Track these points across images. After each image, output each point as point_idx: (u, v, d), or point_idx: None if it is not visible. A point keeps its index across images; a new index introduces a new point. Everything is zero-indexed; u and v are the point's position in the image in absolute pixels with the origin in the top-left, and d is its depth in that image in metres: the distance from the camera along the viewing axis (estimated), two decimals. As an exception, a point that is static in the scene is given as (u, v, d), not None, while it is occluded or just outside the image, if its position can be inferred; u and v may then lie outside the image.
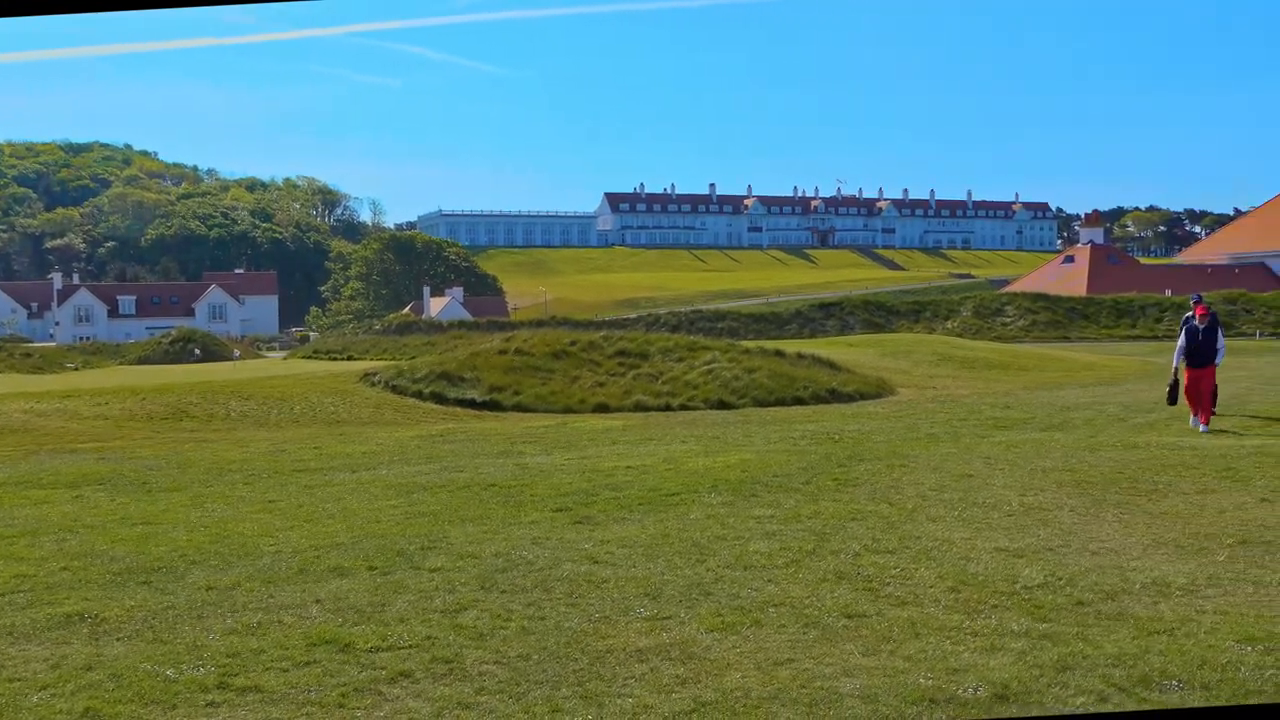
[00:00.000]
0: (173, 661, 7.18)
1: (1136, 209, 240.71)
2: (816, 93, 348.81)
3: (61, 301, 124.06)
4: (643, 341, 30.43)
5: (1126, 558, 9.41)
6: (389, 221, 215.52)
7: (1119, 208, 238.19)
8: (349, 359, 46.25)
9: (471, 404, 25.56)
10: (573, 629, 7.73)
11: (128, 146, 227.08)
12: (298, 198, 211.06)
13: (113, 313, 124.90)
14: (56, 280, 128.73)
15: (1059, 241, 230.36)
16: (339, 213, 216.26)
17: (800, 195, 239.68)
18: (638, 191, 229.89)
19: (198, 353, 54.70)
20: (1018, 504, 11.90)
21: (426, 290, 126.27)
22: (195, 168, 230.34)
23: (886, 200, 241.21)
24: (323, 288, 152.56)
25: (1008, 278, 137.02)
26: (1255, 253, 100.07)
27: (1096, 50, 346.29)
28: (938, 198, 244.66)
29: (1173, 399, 19.47)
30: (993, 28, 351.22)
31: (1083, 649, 6.99)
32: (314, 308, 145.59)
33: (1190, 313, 19.56)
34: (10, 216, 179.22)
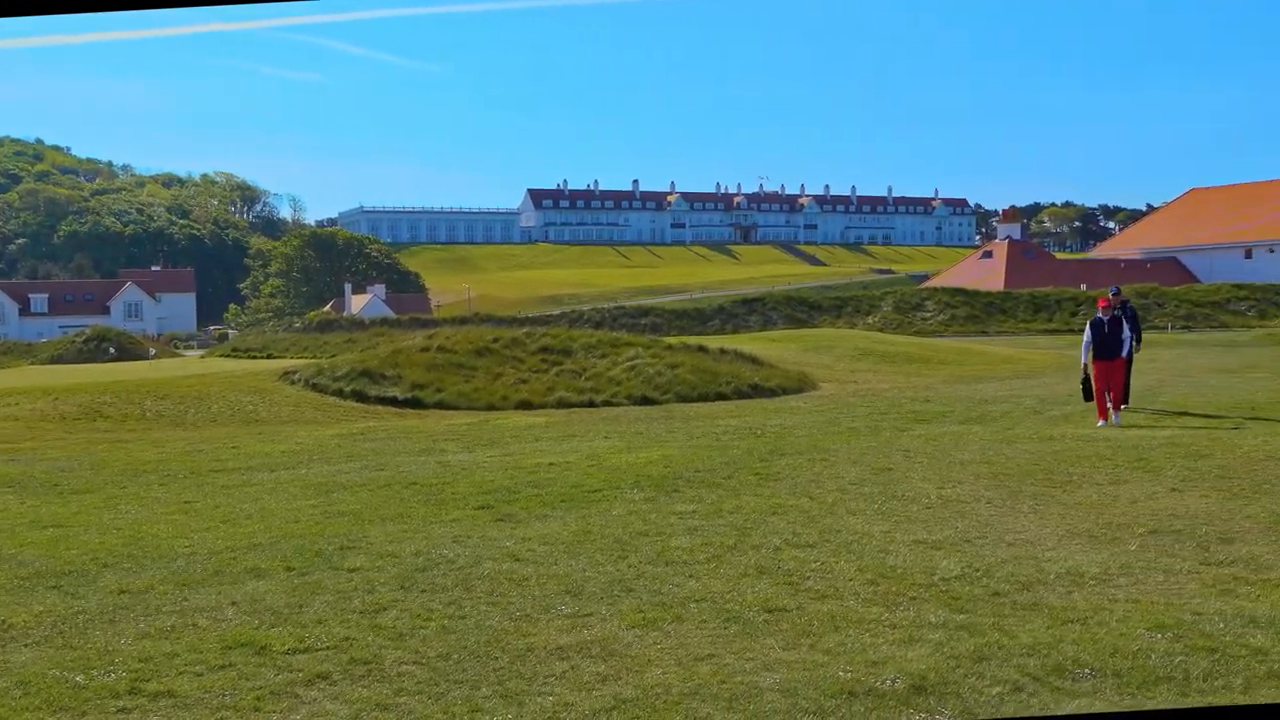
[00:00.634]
0: (83, 667, 7.02)
1: (1053, 205, 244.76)
2: (739, 90, 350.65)
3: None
4: (566, 338, 30.40)
5: (1041, 548, 9.56)
6: (309, 218, 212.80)
7: (1036, 204, 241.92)
8: (269, 357, 45.70)
9: (393, 402, 25.35)
10: (493, 627, 7.68)
11: (39, 141, 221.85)
12: (216, 194, 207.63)
13: (24, 311, 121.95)
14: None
15: (978, 237, 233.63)
16: (258, 209, 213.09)
17: (723, 192, 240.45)
18: (561, 188, 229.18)
19: (113, 351, 53.69)
20: (936, 497, 12.03)
21: (348, 287, 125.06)
22: (110, 163, 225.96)
23: (808, 197, 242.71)
24: (242, 285, 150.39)
25: (928, 273, 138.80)
26: (1167, 248, 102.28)
27: (1013, 49, 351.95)
28: (859, 194, 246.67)
29: (1088, 394, 19.21)
30: (910, 25, 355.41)
31: (999, 639, 7.08)
32: (233, 305, 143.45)
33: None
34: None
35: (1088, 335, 19.28)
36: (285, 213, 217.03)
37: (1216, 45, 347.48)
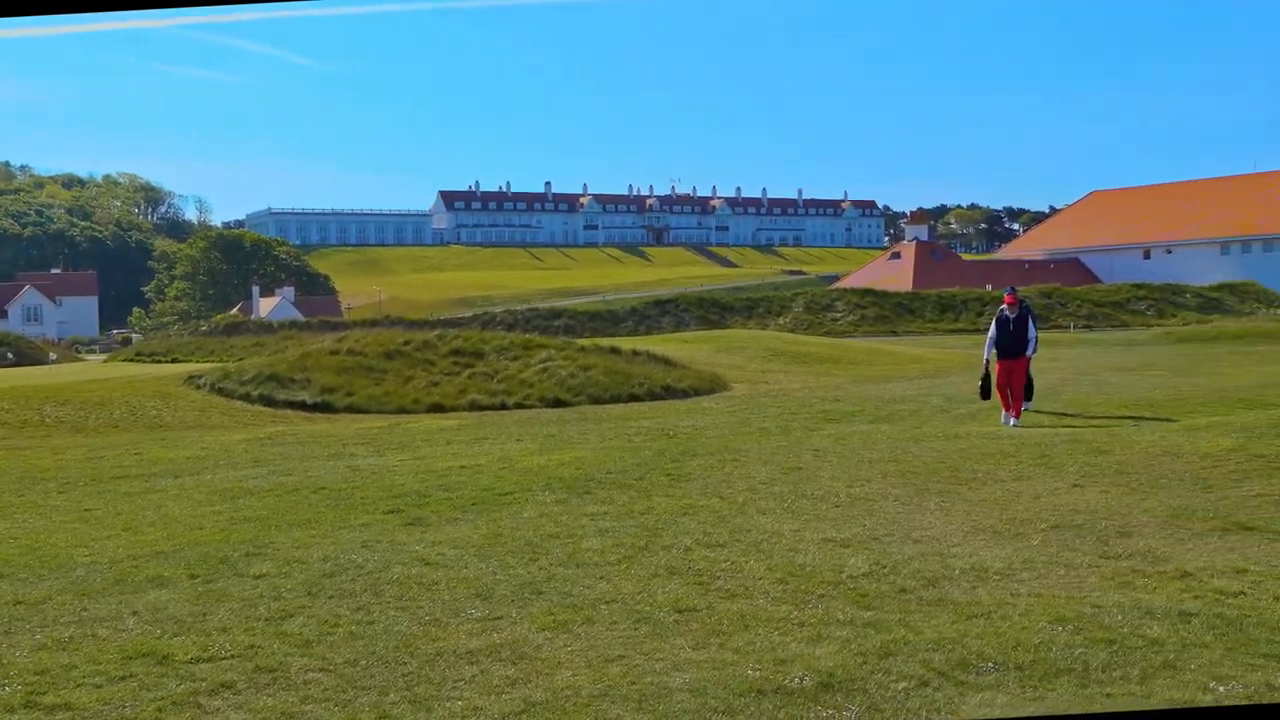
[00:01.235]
0: (-24, 681, 6.82)
1: (959, 207, 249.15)
2: (650, 92, 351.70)
3: None
4: (478, 340, 30.22)
5: (947, 544, 9.70)
6: (215, 220, 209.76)
7: (942, 205, 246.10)
8: (173, 361, 44.73)
9: (302, 406, 25.01)
10: (402, 632, 7.61)
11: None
12: (118, 195, 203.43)
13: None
14: None
15: (886, 238, 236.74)
16: (163, 211, 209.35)
17: (635, 194, 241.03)
18: (473, 190, 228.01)
19: (10, 356, 52.33)
20: (845, 495, 12.15)
21: (255, 290, 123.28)
22: (7, 164, 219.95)
23: (720, 199, 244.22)
24: (146, 288, 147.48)
25: (837, 274, 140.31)
26: (1069, 248, 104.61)
27: (920, 53, 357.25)
28: (770, 196, 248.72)
29: (985, 393, 19.36)
30: (816, 29, 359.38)
31: (905, 635, 7.17)
32: (137, 309, 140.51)
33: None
34: None
35: (992, 331, 19.41)
36: (191, 214, 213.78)
37: (1118, 50, 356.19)
